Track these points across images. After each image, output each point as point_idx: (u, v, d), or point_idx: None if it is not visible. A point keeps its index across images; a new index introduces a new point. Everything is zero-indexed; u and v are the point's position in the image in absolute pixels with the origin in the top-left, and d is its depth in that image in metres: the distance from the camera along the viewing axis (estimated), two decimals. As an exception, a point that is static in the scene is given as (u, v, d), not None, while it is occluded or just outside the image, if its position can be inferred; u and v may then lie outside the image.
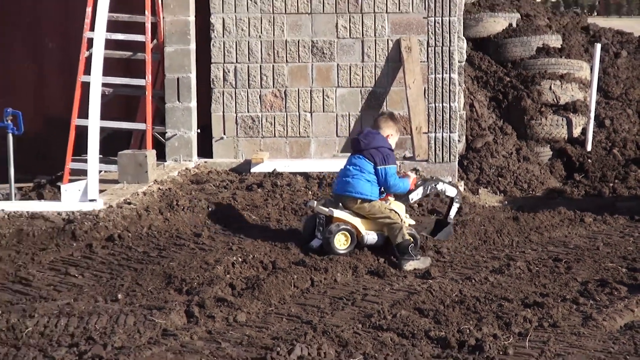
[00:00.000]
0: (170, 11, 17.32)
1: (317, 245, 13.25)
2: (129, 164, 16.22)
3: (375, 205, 13.21)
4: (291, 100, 17.42)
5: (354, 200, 13.27)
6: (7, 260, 13.26)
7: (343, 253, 13.05)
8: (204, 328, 10.58)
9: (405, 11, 17.16)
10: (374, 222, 13.25)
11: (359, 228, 13.20)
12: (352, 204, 13.29)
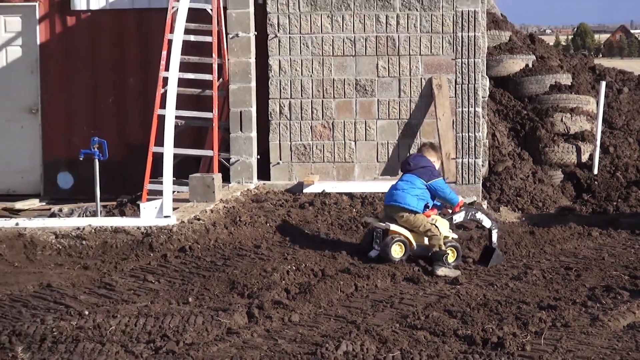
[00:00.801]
0: (234, 54, 17.38)
1: (375, 255, 13.26)
2: (198, 185, 16.28)
3: (419, 218, 13.23)
4: (338, 130, 17.43)
5: (401, 209, 13.29)
6: (93, 268, 13.33)
7: (397, 261, 13.09)
8: (263, 327, 10.59)
9: (436, 54, 17.16)
10: (418, 232, 13.28)
11: (411, 239, 13.23)
12: (398, 216, 13.31)
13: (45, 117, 19.90)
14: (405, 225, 13.27)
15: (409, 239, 13.25)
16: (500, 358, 9.50)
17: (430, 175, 13.43)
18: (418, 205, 13.30)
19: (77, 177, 19.35)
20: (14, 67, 20.01)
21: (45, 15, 19.72)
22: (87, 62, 19.69)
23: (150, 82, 17.85)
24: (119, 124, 19.38)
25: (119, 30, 19.54)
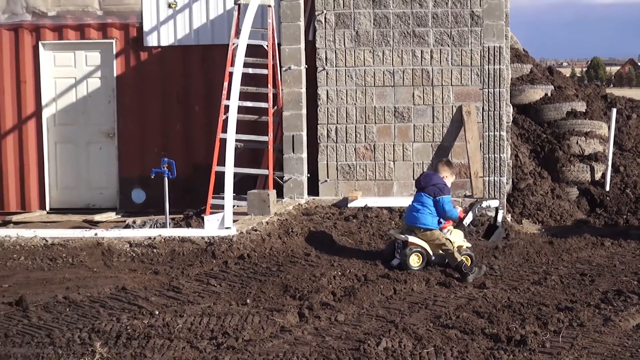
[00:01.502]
0: (287, 85, 17.41)
1: (397, 264, 13.25)
2: (255, 200, 16.30)
3: (435, 233, 13.24)
4: (378, 152, 17.42)
5: (419, 229, 13.33)
6: (163, 273, 13.37)
7: (416, 269, 13.07)
8: (312, 326, 10.58)
9: (465, 84, 17.13)
10: (434, 245, 13.27)
11: (428, 250, 13.22)
12: (417, 232, 13.33)
13: (121, 140, 20.02)
14: (424, 238, 13.30)
15: (427, 250, 13.25)
16: (522, 354, 9.46)
17: (437, 192, 13.36)
18: (432, 223, 13.32)
19: (148, 193, 19.43)
20: (94, 96, 20.14)
21: (121, 51, 19.84)
22: (157, 92, 19.79)
23: (213, 110, 17.92)
24: (185, 146, 19.45)
25: (185, 63, 19.63)
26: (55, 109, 20.24)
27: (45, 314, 11.23)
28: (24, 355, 9.79)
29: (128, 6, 19.73)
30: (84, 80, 20.17)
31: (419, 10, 17.16)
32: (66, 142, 20.30)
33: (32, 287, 12.73)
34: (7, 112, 20.16)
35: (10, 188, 20.29)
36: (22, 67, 20.09)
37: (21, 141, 20.23)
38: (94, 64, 20.09)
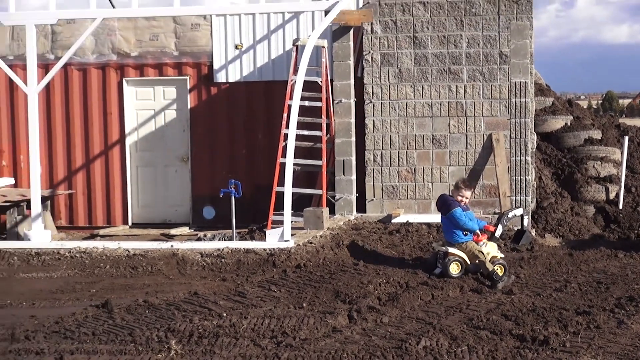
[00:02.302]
0: (338, 116, 17.44)
1: (439, 272, 13.22)
2: (310, 216, 16.32)
3: (468, 245, 13.23)
4: (418, 174, 17.39)
5: (451, 244, 13.34)
6: (230, 280, 13.40)
7: (456, 277, 13.03)
8: (360, 327, 10.57)
9: (495, 115, 17.08)
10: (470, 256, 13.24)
11: (466, 259, 13.19)
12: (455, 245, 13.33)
13: (194, 164, 20.11)
14: (460, 249, 13.29)
15: (464, 259, 13.23)
16: (545, 352, 9.40)
17: (448, 208, 13.41)
18: (459, 237, 13.33)
19: (217, 210, 19.49)
20: (170, 126, 20.26)
21: (194, 86, 19.96)
22: (225, 121, 19.87)
23: (273, 137, 17.97)
24: (249, 169, 19.51)
25: (250, 97, 19.70)
26: (136, 137, 20.39)
27: (128, 316, 11.29)
28: (109, 352, 9.85)
29: (200, 47, 19.85)
30: (161, 112, 20.31)
31: (454, 50, 17.16)
32: (146, 165, 20.44)
33: (116, 292, 12.82)
34: (95, 140, 20.34)
35: (97, 205, 20.45)
36: (109, 100, 20.26)
37: (107, 165, 20.39)
38: (170, 97, 20.23)
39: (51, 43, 20.20)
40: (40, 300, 12.55)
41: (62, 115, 20.39)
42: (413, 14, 17.23)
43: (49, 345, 10.14)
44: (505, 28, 17.04)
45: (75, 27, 19.88)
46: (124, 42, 20.07)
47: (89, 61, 20.20)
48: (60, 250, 15.45)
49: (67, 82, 20.29)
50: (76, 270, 14.46)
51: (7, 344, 10.25)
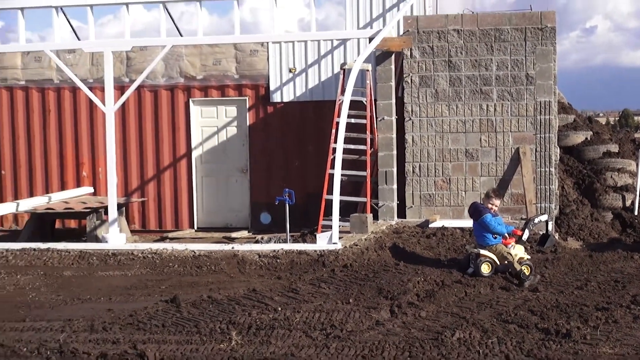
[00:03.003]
0: (381, 131, 17.43)
1: (471, 272, 13.19)
2: (356, 222, 16.32)
3: (498, 247, 13.24)
4: (453, 184, 17.34)
5: (483, 246, 13.32)
6: (284, 278, 13.42)
7: (486, 276, 13.01)
8: (400, 320, 10.55)
9: (522, 130, 17.00)
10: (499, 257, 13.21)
11: (495, 260, 13.16)
12: (488, 246, 13.31)
13: (252, 174, 20.18)
14: (491, 251, 13.27)
15: (494, 260, 13.21)
16: (568, 344, 9.33)
17: (479, 214, 13.46)
18: (489, 240, 13.35)
19: (273, 216, 19.53)
20: (231, 140, 20.35)
21: (252, 106, 20.04)
22: (280, 137, 19.93)
23: (323, 150, 17.97)
24: (301, 179, 19.53)
25: (302, 115, 19.75)
26: (201, 150, 20.50)
27: (193, 309, 11.35)
28: (177, 341, 9.91)
29: (258, 71, 19.93)
30: (223, 129, 20.40)
31: (485, 72, 17.10)
32: (210, 175, 20.53)
33: (183, 289, 12.88)
34: (165, 153, 20.48)
35: (167, 211, 20.58)
36: (177, 118, 20.39)
37: (175, 175, 20.52)
38: (231, 115, 20.32)
39: (126, 67, 20.38)
40: (116, 295, 12.66)
41: (136, 132, 20.56)
42: (448, 40, 17.20)
43: (124, 336, 10.22)
44: (531, 53, 16.97)
45: (147, 54, 20.05)
46: (190, 67, 20.21)
47: (159, 83, 20.36)
48: (134, 251, 15.57)
49: (140, 102, 20.46)
50: (148, 269, 14.57)
51: (87, 334, 10.35)
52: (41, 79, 20.79)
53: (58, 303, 12.28)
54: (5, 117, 20.99)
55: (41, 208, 18.48)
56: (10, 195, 20.96)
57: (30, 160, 21.00)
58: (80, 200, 19.36)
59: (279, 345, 9.56)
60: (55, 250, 15.79)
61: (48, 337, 10.26)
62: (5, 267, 14.93)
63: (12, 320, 11.26)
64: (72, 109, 20.77)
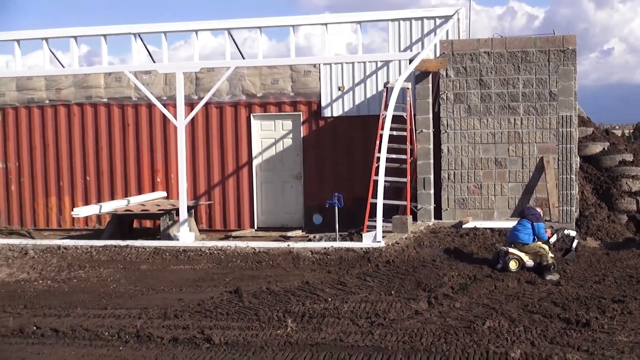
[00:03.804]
0: (420, 142, 17.37)
1: (500, 267, 13.15)
2: (397, 222, 16.28)
3: (532, 245, 13.22)
4: (484, 189, 17.23)
5: (519, 243, 13.23)
6: (334, 272, 13.44)
7: (514, 271, 12.96)
8: (437, 310, 10.51)
9: (546, 142, 16.85)
10: (531, 254, 13.14)
11: (523, 258, 13.12)
12: (518, 245, 13.22)
13: (305, 180, 20.22)
14: (522, 250, 13.24)
15: (521, 258, 13.19)
16: (587, 333, 9.25)
17: (535, 220, 13.50)
18: (529, 240, 13.32)
19: (324, 217, 19.53)
20: (287, 151, 20.41)
21: (305, 120, 20.09)
22: (330, 147, 19.94)
23: (368, 159, 17.96)
24: (349, 185, 19.53)
25: (349, 128, 19.75)
26: (261, 159, 20.58)
27: (254, 299, 11.40)
28: (239, 327, 9.97)
29: (311, 89, 19.98)
30: (280, 140, 20.47)
31: (512, 90, 16.99)
32: (268, 182, 20.61)
33: (245, 281, 12.95)
34: (229, 162, 20.60)
35: (230, 213, 20.69)
36: (239, 131, 20.50)
37: (238, 181, 20.62)
38: (287, 129, 20.38)
39: (195, 86, 20.53)
40: (186, 287, 12.76)
41: (204, 143, 20.70)
42: (479, 61, 17.13)
43: (193, 322, 10.30)
44: (554, 72, 16.84)
45: (213, 74, 20.19)
46: (251, 86, 20.31)
47: (224, 100, 20.48)
48: (202, 248, 15.67)
49: (207, 117, 20.60)
50: (214, 264, 14.66)
51: (161, 321, 10.45)
52: (121, 96, 21.03)
53: (135, 293, 12.41)
54: (90, 130, 21.26)
55: (121, 210, 18.67)
56: (94, 199, 21.21)
57: (111, 168, 21.23)
58: (155, 203, 19.54)
59: (329, 332, 9.58)
60: (133, 247, 15.96)
61: (127, 323, 10.38)
62: (90, 262, 15.13)
63: (96, 308, 11.41)
64: (148, 123, 20.97)
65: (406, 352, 8.78)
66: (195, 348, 9.21)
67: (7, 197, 21.81)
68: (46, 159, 21.55)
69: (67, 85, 21.24)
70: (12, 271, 14.53)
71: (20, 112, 21.59)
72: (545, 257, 13.04)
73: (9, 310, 11.39)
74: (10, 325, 10.38)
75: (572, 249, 14.21)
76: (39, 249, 16.11)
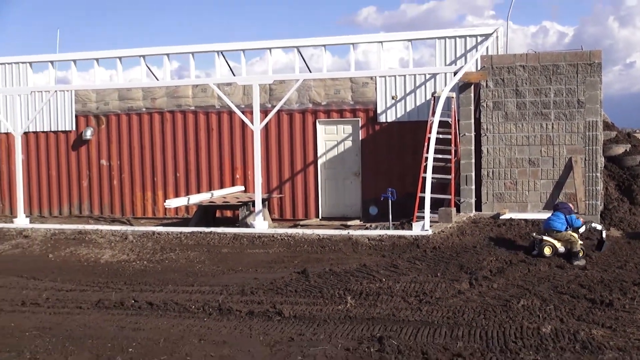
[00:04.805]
0: (463, 144, 17.21)
1: (535, 253, 13.01)
2: (443, 214, 16.17)
3: (564, 233, 13.09)
4: (518, 185, 17.01)
5: (553, 231, 13.10)
6: (387, 256, 13.40)
7: (548, 256, 12.81)
8: (477, 290, 10.44)
9: (574, 144, 16.57)
10: (563, 241, 12.95)
11: (556, 245, 12.96)
12: (552, 233, 13.06)
13: (363, 177, 20.19)
14: (556, 237, 13.05)
15: (555, 245, 13.02)
16: (610, 311, 9.11)
17: (568, 212, 13.47)
18: (562, 228, 13.17)
19: (379, 209, 19.48)
20: (347, 152, 20.40)
21: (363, 124, 20.05)
22: (384, 148, 19.87)
23: (417, 159, 17.86)
24: (401, 181, 19.44)
25: (401, 132, 19.65)
26: (325, 159, 20.60)
27: (318, 279, 11.45)
28: (306, 303, 10.02)
29: (368, 98, 19.94)
30: (341, 142, 20.47)
31: (545, 98, 16.75)
32: (331, 178, 20.62)
33: (311, 263, 13.00)
34: (298, 161, 20.67)
35: (298, 204, 20.76)
36: (307, 134, 20.55)
37: (305, 178, 20.68)
38: (347, 132, 20.37)
39: (269, 96, 20.64)
40: (260, 267, 12.85)
41: (276, 144, 20.80)
42: (515, 73, 16.91)
43: (266, 298, 10.38)
44: (582, 83, 16.55)
45: (284, 86, 20.27)
46: (317, 95, 20.34)
47: (293, 108, 20.56)
48: (274, 234, 15.77)
49: (279, 122, 20.69)
50: (284, 248, 14.74)
51: (239, 296, 10.56)
52: (206, 105, 21.24)
53: (217, 273, 12.55)
54: (179, 133, 21.52)
55: (206, 201, 18.87)
56: (183, 192, 21.47)
57: (197, 166, 21.47)
58: (234, 196, 19.70)
59: (383, 308, 9.58)
60: (215, 233, 16.13)
61: (210, 298, 10.51)
62: (180, 246, 15.33)
63: (184, 284, 11.58)
64: (228, 127, 21.15)
65: (450, 326, 8.73)
66: (268, 320, 9.28)
67: (111, 190, 22.22)
68: (143, 158, 21.89)
69: (160, 96, 21.53)
70: (114, 253, 14.81)
71: (121, 118, 21.97)
72: (575, 245, 12.89)
73: (112, 286, 11.63)
74: (112, 299, 10.59)
75: (604, 240, 13.91)
76: (137, 234, 16.38)
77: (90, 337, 8.72)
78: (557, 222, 13.34)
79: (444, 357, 7.57)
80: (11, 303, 10.64)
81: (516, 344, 7.92)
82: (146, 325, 9.24)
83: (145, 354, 8.00)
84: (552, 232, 13.21)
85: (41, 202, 22.78)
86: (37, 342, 8.58)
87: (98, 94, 21.97)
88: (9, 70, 22.72)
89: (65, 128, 22.36)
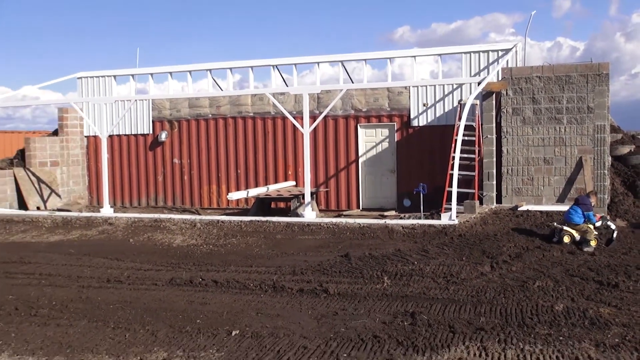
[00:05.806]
0: (485, 145, 17.02)
1: (555, 241, 12.82)
2: (468, 205, 16.01)
3: (582, 225, 12.83)
4: (534, 181, 16.77)
5: (572, 223, 12.86)
6: (419, 242, 13.31)
7: (567, 244, 12.62)
8: (498, 272, 10.32)
9: (584, 145, 16.27)
10: (580, 232, 12.73)
11: (574, 234, 12.73)
12: (570, 225, 12.84)
13: (398, 173, 20.10)
14: (574, 228, 12.85)
15: (573, 234, 12.76)
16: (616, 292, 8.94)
17: (586, 208, 13.09)
18: (580, 221, 12.89)
19: (412, 201, 19.40)
20: (384, 152, 20.33)
21: (398, 128, 19.96)
22: (417, 149, 19.77)
23: (445, 158, 17.74)
24: (431, 177, 19.32)
25: (431, 135, 19.53)
26: (365, 157, 20.56)
27: (359, 262, 11.43)
28: (348, 282, 10.01)
29: (402, 105, 19.84)
30: (379, 144, 20.41)
31: (558, 105, 16.48)
32: (370, 174, 20.57)
33: (353, 248, 12.98)
34: (341, 159, 20.66)
35: (342, 197, 20.76)
36: (349, 137, 20.54)
37: (348, 174, 20.67)
38: (384, 135, 20.29)
39: (317, 104, 20.67)
40: (309, 251, 12.88)
41: (323, 146, 20.82)
42: (532, 83, 16.67)
43: (314, 278, 10.40)
44: (592, 91, 16.26)
45: (330, 95, 20.28)
46: (358, 103, 20.30)
47: (338, 114, 20.55)
48: (321, 223, 15.78)
49: (325, 127, 20.70)
50: (329, 235, 14.75)
51: (291, 276, 10.59)
52: (263, 111, 21.35)
53: (272, 256, 12.61)
54: (240, 136, 21.67)
55: (262, 194, 18.98)
56: (243, 186, 21.63)
57: (255, 164, 21.60)
58: (287, 190, 19.78)
59: (415, 287, 9.53)
60: (271, 222, 16.21)
61: (266, 277, 10.56)
62: (240, 232, 15.44)
63: (244, 265, 11.65)
64: (282, 131, 21.24)
65: (473, 303, 8.65)
66: (316, 297, 9.31)
67: (182, 185, 22.50)
68: (209, 157, 22.11)
69: (224, 104, 21.71)
70: (184, 238, 14.99)
71: (190, 123, 22.21)
72: (590, 234, 12.66)
73: (183, 267, 11.77)
74: (183, 277, 10.72)
75: (614, 239, 13.61)
76: (204, 222, 16.55)
77: (164, 310, 8.85)
78: (575, 215, 13.10)
79: (468, 331, 7.51)
80: (98, 280, 10.84)
81: (532, 320, 7.83)
82: (211, 300, 9.34)
83: (211, 325, 8.09)
84: (571, 224, 13.02)
85: (123, 194, 23.17)
86: (120, 314, 8.73)
87: (171, 103, 22.25)
88: (97, 83, 23.13)
89: (144, 132, 22.70)
